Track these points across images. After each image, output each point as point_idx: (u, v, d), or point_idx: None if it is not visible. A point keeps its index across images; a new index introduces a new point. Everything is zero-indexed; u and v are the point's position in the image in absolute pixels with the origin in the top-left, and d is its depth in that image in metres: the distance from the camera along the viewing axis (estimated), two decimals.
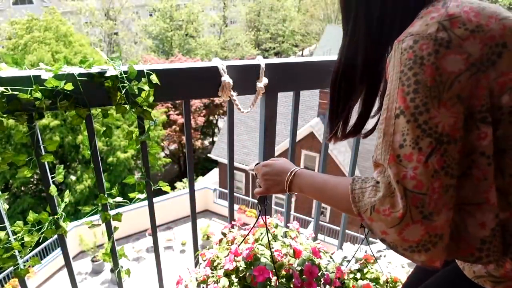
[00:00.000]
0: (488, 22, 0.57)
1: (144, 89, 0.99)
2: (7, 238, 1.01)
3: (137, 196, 1.13)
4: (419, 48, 0.57)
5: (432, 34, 0.57)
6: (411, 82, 0.58)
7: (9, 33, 14.14)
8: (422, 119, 0.56)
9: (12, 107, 0.89)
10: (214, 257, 0.93)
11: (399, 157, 0.58)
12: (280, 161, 0.88)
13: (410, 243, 0.58)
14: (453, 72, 0.56)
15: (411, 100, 0.57)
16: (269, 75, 1.15)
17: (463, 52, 0.56)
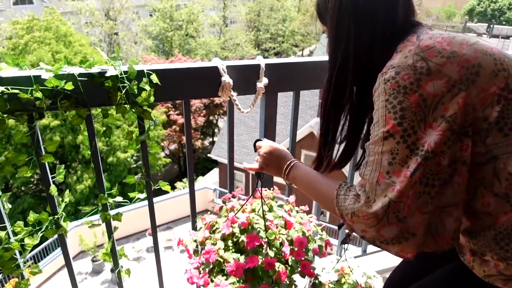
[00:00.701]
0: (461, 48, 0.63)
1: (144, 89, 0.99)
2: (7, 238, 1.01)
3: (137, 196, 1.13)
4: (401, 78, 0.63)
5: (411, 65, 0.62)
6: (397, 109, 0.63)
7: (10, 33, 14.15)
8: (410, 141, 0.62)
9: (13, 107, 0.89)
10: (213, 221, 0.99)
11: (389, 173, 0.64)
12: (284, 149, 0.95)
13: (386, 238, 0.66)
14: (436, 95, 0.61)
15: (399, 125, 0.63)
16: (269, 75, 1.15)
17: (443, 76, 0.61)
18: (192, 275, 0.91)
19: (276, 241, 0.91)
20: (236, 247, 0.91)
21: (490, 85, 0.62)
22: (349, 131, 0.82)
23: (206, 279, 0.89)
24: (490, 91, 0.62)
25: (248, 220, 0.93)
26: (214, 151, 13.37)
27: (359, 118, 0.82)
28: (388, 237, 0.65)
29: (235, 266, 0.85)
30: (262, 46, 27.84)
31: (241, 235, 0.91)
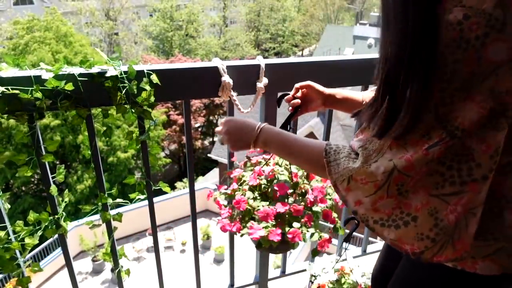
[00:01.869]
0: None
1: (144, 89, 0.99)
2: (7, 238, 1.01)
3: (137, 196, 1.13)
4: (469, 27, 0.48)
5: (487, 10, 0.47)
6: (448, 70, 0.50)
7: (10, 33, 14.15)
8: (442, 111, 0.52)
9: (13, 107, 0.90)
10: (240, 175, 1.05)
11: (405, 141, 0.55)
12: (242, 119, 0.83)
13: (381, 214, 0.59)
14: (493, 62, 0.49)
15: (441, 91, 0.52)
16: (269, 75, 1.15)
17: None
18: (224, 223, 0.95)
19: (301, 190, 0.97)
20: (263, 197, 0.97)
21: None
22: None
23: (238, 226, 0.93)
24: None
25: (274, 172, 0.99)
26: (214, 151, 13.36)
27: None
28: (383, 213, 0.58)
29: (265, 212, 0.90)
30: (262, 46, 27.84)
31: (269, 185, 0.96)
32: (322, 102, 0.96)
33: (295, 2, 30.27)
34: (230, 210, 0.98)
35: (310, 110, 0.99)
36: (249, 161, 1.09)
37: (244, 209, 0.93)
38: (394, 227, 0.60)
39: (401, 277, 0.85)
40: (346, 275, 1.46)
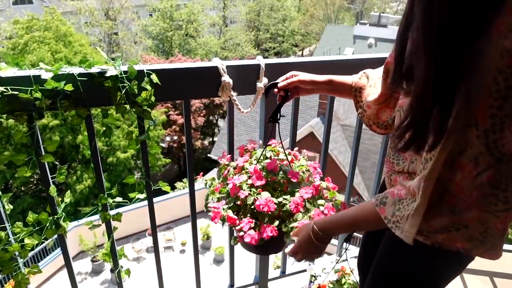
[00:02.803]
0: None
1: (144, 89, 0.99)
2: (7, 238, 1.01)
3: (137, 196, 1.13)
4: None
5: None
6: (499, 95, 0.48)
7: (10, 33, 14.14)
8: (492, 138, 0.51)
9: (12, 107, 0.89)
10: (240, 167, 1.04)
11: (453, 161, 0.56)
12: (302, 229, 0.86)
13: (435, 228, 0.63)
14: None
15: (491, 117, 0.50)
16: (269, 75, 1.15)
17: None
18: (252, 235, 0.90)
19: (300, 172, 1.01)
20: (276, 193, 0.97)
21: None
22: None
23: (274, 229, 0.90)
24: None
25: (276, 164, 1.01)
26: (214, 151, 13.37)
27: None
28: (437, 227, 0.62)
29: (295, 202, 0.91)
30: (262, 46, 27.84)
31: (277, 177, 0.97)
32: (316, 91, 1.03)
33: (295, 1, 30.25)
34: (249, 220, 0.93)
35: (301, 95, 1.07)
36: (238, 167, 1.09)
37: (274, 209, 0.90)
38: (446, 232, 0.63)
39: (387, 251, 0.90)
40: (347, 275, 1.46)
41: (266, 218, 0.90)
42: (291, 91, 1.03)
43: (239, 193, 0.95)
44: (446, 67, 0.52)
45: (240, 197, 0.94)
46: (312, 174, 1.07)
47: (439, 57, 0.52)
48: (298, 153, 1.14)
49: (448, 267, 0.81)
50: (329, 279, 1.46)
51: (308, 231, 0.82)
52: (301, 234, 0.84)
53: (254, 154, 1.12)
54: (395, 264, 0.88)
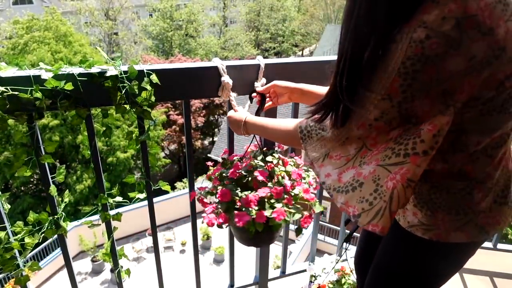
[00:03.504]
0: (497, 25, 0.57)
1: (144, 89, 0.99)
2: (7, 238, 1.01)
3: (137, 196, 1.13)
4: (429, 46, 0.56)
5: (446, 32, 0.55)
6: (408, 77, 0.60)
7: (10, 33, 14.13)
8: (404, 107, 0.63)
9: (12, 107, 0.89)
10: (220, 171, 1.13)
11: (371, 125, 0.68)
12: (237, 113, 1.06)
13: (340, 183, 0.74)
14: (451, 72, 0.58)
15: (402, 92, 0.61)
16: (269, 75, 1.15)
17: (468, 53, 0.56)
18: (210, 218, 1.00)
19: (278, 177, 1.07)
20: (243, 189, 1.04)
21: (499, 70, 0.59)
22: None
23: (225, 216, 0.98)
24: (497, 77, 0.60)
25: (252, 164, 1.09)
26: (214, 151, 13.36)
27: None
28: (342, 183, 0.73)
29: (248, 198, 0.98)
30: (262, 46, 27.83)
31: (248, 175, 1.04)
32: (288, 96, 1.10)
33: (295, 1, 30.25)
34: (214, 206, 1.03)
35: (279, 103, 1.13)
36: (228, 160, 1.18)
37: (229, 199, 0.99)
38: (344, 192, 0.73)
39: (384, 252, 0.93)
40: (347, 275, 1.46)
41: (224, 207, 1.01)
42: (269, 97, 1.13)
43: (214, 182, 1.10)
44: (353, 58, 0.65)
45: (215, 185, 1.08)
46: (296, 180, 1.10)
47: (348, 50, 0.65)
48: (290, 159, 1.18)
49: (446, 264, 0.83)
50: (329, 279, 1.46)
51: (239, 120, 1.02)
52: (235, 118, 1.04)
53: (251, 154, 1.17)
54: (394, 264, 0.89)
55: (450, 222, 0.75)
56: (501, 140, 0.70)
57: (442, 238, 0.77)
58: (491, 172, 0.73)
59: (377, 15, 0.61)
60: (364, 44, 0.63)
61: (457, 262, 0.84)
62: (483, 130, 0.67)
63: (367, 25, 0.62)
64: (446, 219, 0.75)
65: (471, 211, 0.74)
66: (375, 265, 0.96)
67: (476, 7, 0.56)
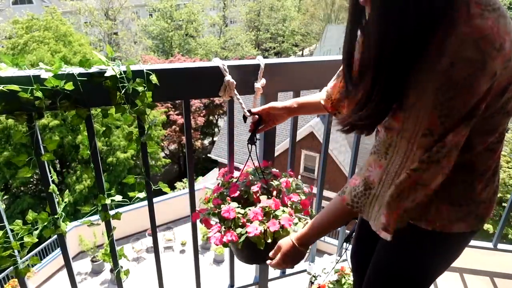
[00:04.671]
0: (504, 40, 0.60)
1: (143, 89, 0.99)
2: (6, 237, 1.01)
3: (137, 195, 1.13)
4: (457, 72, 0.58)
5: (470, 57, 0.57)
6: (444, 107, 0.60)
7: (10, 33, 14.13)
8: (448, 139, 0.63)
9: (12, 107, 0.89)
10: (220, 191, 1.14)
11: (418, 169, 0.67)
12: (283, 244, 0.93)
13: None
14: (482, 92, 0.60)
15: (441, 124, 0.62)
16: (269, 75, 1.15)
17: (492, 71, 0.59)
18: (217, 237, 1.01)
19: (274, 190, 1.10)
20: (245, 206, 1.06)
21: (505, 78, 0.63)
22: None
23: (233, 234, 1.00)
24: (502, 84, 0.63)
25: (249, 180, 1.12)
26: (214, 151, 13.37)
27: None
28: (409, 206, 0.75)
29: (254, 212, 1.00)
30: (262, 46, 27.83)
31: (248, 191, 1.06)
32: (287, 115, 1.10)
33: (295, 1, 30.24)
34: (219, 226, 1.04)
35: (276, 123, 1.12)
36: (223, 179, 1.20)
37: (234, 217, 1.01)
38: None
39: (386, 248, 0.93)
40: (347, 275, 1.46)
41: (229, 224, 1.01)
42: (264, 118, 1.10)
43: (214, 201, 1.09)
44: (390, 82, 0.64)
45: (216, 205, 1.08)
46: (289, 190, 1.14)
47: (385, 72, 0.64)
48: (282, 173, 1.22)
49: (446, 255, 0.87)
50: (329, 279, 1.46)
51: (288, 247, 0.91)
52: (283, 250, 0.92)
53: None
54: (394, 268, 0.91)
55: (453, 213, 0.78)
56: (501, 136, 0.75)
57: (445, 228, 0.79)
58: (491, 164, 0.77)
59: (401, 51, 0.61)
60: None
61: (456, 252, 0.87)
62: (487, 131, 0.70)
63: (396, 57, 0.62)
64: (449, 210, 0.78)
65: (472, 202, 0.78)
66: (375, 268, 0.96)
67: (487, 26, 0.58)
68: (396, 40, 0.60)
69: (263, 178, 1.14)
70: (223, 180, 1.20)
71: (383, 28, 0.61)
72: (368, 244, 1.02)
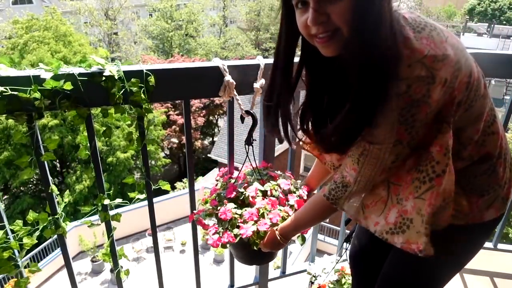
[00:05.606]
0: (445, 48, 0.66)
1: (142, 89, 0.99)
2: (6, 237, 1.01)
3: (137, 196, 1.13)
4: (414, 91, 0.65)
5: (420, 75, 0.65)
6: (409, 121, 0.68)
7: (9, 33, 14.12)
8: (412, 143, 0.72)
9: (12, 107, 0.89)
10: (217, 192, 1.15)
11: (390, 168, 0.76)
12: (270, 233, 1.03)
13: (390, 225, 0.78)
14: (437, 100, 0.68)
15: (409, 134, 0.70)
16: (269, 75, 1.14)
17: (441, 80, 0.66)
18: (214, 239, 1.02)
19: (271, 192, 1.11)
20: (241, 206, 1.07)
21: (464, 74, 0.70)
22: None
23: (230, 235, 1.01)
24: (463, 81, 0.70)
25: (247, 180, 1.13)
26: (214, 151, 13.36)
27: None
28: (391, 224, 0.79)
29: (250, 212, 1.02)
30: (262, 46, 27.81)
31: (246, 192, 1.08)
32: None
33: None
34: (216, 227, 1.05)
35: None
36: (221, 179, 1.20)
37: (231, 218, 1.02)
38: (400, 232, 0.77)
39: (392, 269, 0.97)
40: (347, 275, 1.46)
41: (226, 225, 1.03)
42: None
43: (211, 203, 1.10)
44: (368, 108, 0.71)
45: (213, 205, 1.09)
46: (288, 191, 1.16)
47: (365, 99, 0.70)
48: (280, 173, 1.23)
49: (477, 245, 0.90)
50: (329, 279, 1.46)
51: (270, 234, 1.01)
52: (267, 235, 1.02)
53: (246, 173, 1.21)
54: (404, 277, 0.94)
55: (483, 203, 0.82)
56: (491, 115, 0.80)
57: (477, 219, 0.83)
58: (502, 144, 0.83)
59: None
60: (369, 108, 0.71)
61: (485, 240, 0.90)
62: (474, 119, 0.76)
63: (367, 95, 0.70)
64: (479, 201, 0.82)
65: (497, 186, 0.83)
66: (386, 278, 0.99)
67: (423, 46, 0.65)
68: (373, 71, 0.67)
69: (261, 179, 1.14)
70: (222, 181, 1.20)
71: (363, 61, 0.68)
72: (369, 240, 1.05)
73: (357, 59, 0.67)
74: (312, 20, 0.67)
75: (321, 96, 0.87)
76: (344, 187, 0.83)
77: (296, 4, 0.71)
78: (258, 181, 1.13)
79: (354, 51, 0.67)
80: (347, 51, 0.68)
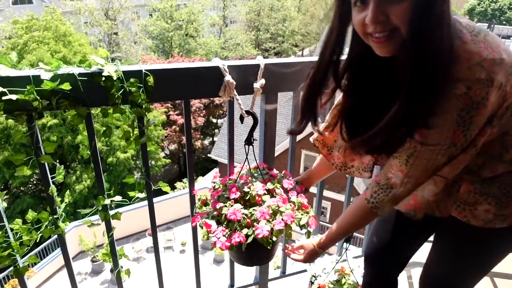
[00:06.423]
0: (501, 52, 0.68)
1: (141, 89, 0.99)
2: (5, 236, 1.01)
3: (137, 195, 1.13)
4: (474, 93, 0.67)
5: (480, 78, 0.66)
6: (466, 123, 0.70)
7: (9, 33, 14.12)
8: (465, 146, 0.74)
9: (12, 107, 0.89)
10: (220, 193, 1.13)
11: (439, 169, 0.78)
12: (305, 243, 1.12)
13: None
14: (492, 103, 0.70)
15: (464, 136, 0.72)
16: (269, 75, 1.15)
17: (498, 84, 0.68)
18: (222, 242, 1.00)
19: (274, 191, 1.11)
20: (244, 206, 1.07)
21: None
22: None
23: (241, 235, 0.99)
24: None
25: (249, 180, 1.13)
26: (214, 151, 13.36)
27: None
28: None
29: (261, 211, 1.02)
30: (262, 46, 27.81)
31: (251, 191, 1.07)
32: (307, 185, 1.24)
33: (295, 1, 30.21)
34: (223, 229, 1.03)
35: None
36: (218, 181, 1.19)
37: (241, 218, 1.01)
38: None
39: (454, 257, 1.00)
40: (347, 275, 1.46)
41: (235, 225, 1.02)
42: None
43: (217, 205, 1.08)
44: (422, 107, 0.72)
45: (217, 207, 1.07)
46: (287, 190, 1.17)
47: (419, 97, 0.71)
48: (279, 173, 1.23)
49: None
50: (329, 279, 1.46)
51: (309, 250, 1.07)
52: (306, 251, 1.09)
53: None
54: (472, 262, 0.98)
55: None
56: None
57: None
58: None
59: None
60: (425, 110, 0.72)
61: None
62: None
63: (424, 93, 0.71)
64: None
65: None
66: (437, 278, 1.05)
67: (481, 49, 0.67)
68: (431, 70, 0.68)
69: (263, 178, 1.13)
70: (220, 182, 1.20)
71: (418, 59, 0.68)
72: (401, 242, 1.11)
73: (414, 59, 0.67)
74: (371, 19, 0.67)
75: (361, 99, 0.87)
76: (389, 189, 0.84)
77: (355, 2, 0.72)
78: (260, 181, 1.12)
79: (412, 51, 0.67)
80: (404, 51, 0.69)
